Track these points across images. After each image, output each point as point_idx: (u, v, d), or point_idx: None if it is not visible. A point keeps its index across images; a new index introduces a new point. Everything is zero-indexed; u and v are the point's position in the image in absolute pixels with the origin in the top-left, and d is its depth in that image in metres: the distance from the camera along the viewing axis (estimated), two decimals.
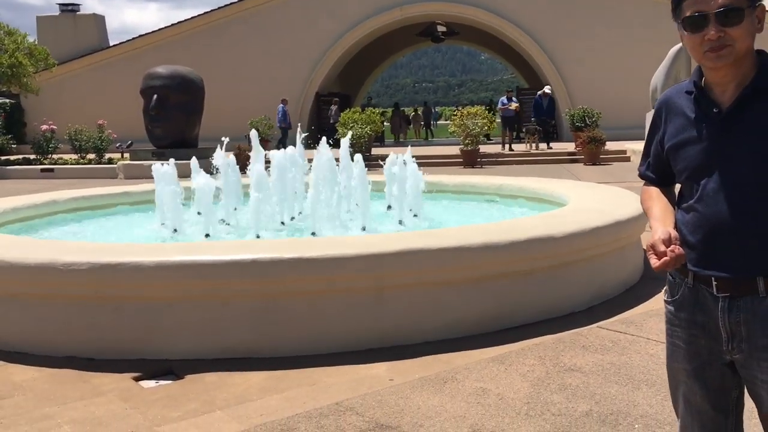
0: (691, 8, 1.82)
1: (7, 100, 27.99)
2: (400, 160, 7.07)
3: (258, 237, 6.06)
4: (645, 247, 1.91)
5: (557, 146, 22.81)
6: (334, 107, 25.68)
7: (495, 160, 20.00)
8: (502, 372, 3.78)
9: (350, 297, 4.24)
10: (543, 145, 21.98)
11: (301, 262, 4.07)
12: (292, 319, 4.16)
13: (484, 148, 20.23)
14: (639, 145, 19.32)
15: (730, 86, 1.85)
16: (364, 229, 6.25)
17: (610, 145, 19.64)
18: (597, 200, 6.16)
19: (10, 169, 19.87)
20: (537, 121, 22.04)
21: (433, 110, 51.68)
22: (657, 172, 2.08)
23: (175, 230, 6.31)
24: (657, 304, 4.93)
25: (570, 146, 21.41)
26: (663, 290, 2.05)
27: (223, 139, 7.42)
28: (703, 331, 1.91)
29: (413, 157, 7.30)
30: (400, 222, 6.66)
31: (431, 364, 3.96)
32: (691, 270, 1.89)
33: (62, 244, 4.78)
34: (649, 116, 17.16)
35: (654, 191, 2.07)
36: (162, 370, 4.00)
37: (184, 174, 7.26)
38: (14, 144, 25.31)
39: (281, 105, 24.50)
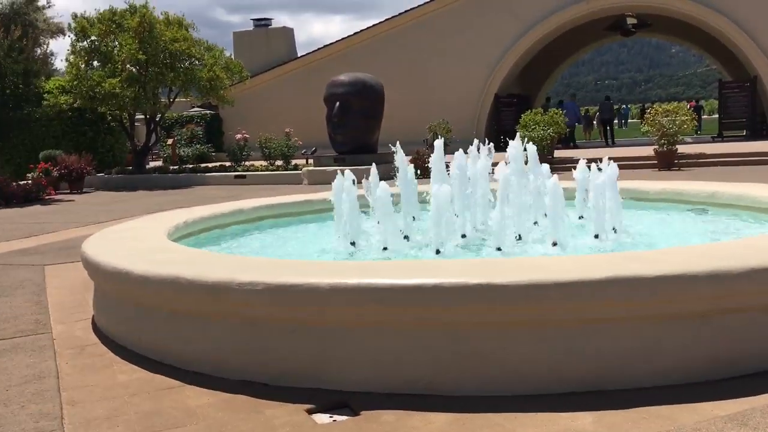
0: None
1: (207, 112, 30.36)
2: (593, 164, 6.32)
3: (438, 252, 5.64)
4: None
5: None
6: None
7: (695, 162, 18.14)
8: None
9: (546, 330, 3.64)
10: None
11: (489, 288, 3.55)
12: (478, 353, 3.65)
13: (682, 149, 18.44)
14: None
15: None
16: (555, 244, 5.60)
17: None
18: None
19: (208, 176, 21.35)
20: None
21: (623, 107, 48.25)
22: None
23: (353, 243, 6.06)
24: None
25: None
26: None
27: (392, 146, 7.09)
28: None
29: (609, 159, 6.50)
30: (596, 236, 5.91)
31: (649, 419, 3.26)
32: None
33: (240, 260, 4.65)
34: None
35: None
36: (337, 403, 3.66)
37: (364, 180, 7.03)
38: (213, 152, 27.36)
39: (570, 102, 26.18)
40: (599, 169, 6.21)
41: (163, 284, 4.21)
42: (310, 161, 20.85)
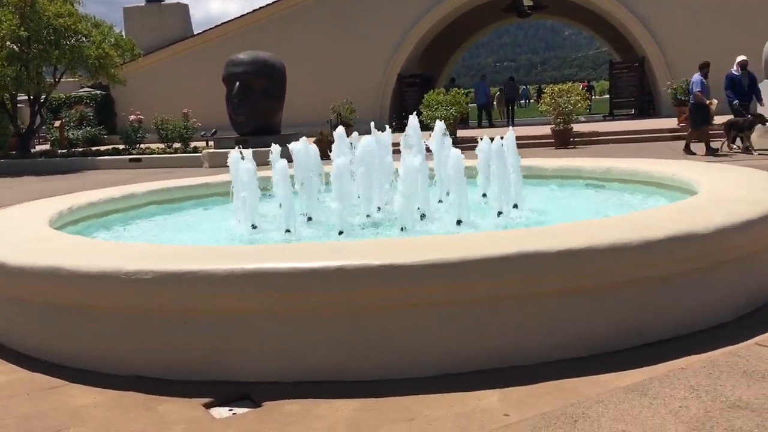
0: None
1: (98, 92, 28.78)
2: (496, 142, 6.33)
3: (341, 233, 5.50)
4: None
5: (656, 123, 21.30)
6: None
7: (589, 140, 18.83)
8: (646, 408, 3.03)
9: (453, 310, 3.58)
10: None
11: (392, 269, 3.44)
12: (384, 336, 3.54)
13: (577, 127, 19.08)
14: None
15: None
16: (459, 222, 5.57)
17: (720, 120, 18.06)
18: (735, 185, 5.23)
19: (100, 159, 20.28)
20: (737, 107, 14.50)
21: (523, 88, 49.25)
22: None
23: (254, 226, 5.82)
24: None
25: (671, 122, 19.94)
26: None
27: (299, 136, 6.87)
28: None
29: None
30: (500, 214, 5.93)
31: (553, 393, 3.26)
32: None
33: (128, 248, 4.34)
34: (764, 86, 14.76)
35: None
36: (237, 395, 3.47)
37: (266, 161, 6.77)
38: (105, 134, 26.02)
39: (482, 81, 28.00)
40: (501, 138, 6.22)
41: (42, 276, 3.86)
42: (210, 143, 20.16)
